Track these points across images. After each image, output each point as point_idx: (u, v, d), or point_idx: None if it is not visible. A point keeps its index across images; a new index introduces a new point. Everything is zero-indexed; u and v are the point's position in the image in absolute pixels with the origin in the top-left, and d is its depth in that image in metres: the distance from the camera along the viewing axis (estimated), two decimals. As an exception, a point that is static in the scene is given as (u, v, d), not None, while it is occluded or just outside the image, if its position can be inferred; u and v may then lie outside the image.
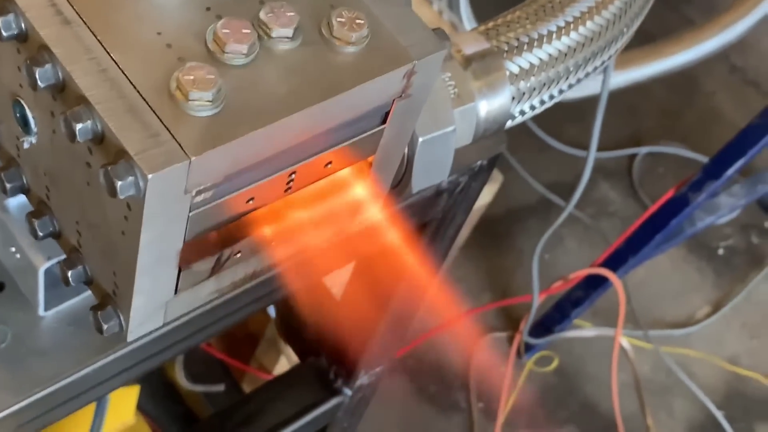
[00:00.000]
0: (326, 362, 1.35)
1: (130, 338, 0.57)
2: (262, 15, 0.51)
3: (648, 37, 2.34)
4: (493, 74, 0.82)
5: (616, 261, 2.09)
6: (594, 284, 2.14)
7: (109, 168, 0.46)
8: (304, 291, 1.24)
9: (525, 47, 0.83)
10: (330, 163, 0.56)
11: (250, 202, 0.54)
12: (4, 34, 0.48)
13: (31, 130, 0.54)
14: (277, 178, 0.53)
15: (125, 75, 0.48)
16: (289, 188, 0.55)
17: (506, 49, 0.82)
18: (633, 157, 2.72)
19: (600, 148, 2.76)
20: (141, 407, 1.37)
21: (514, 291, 2.37)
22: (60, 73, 0.48)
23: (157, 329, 0.59)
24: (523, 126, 2.50)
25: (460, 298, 2.34)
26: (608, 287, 2.06)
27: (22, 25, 0.49)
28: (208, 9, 0.51)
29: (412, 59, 0.53)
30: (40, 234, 0.57)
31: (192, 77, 0.47)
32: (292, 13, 0.51)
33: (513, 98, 0.83)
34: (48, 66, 0.48)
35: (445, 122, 0.77)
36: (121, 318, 0.56)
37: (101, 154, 0.48)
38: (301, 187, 0.56)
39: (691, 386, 2.22)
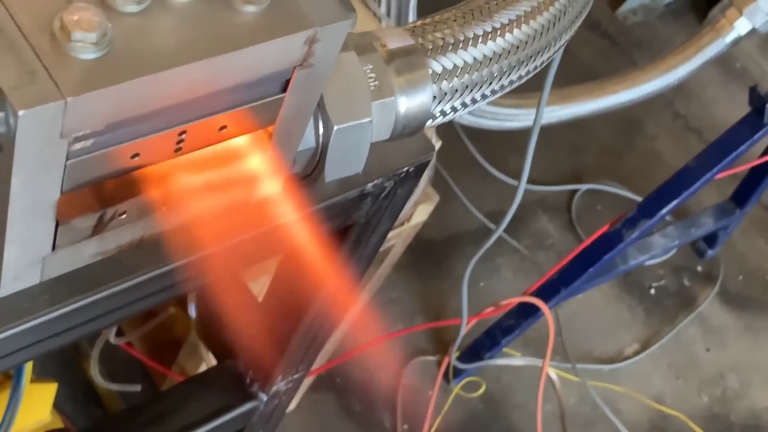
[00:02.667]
0: (243, 366, 1.33)
1: (2, 294, 0.54)
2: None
3: (595, 77, 2.37)
4: (415, 72, 0.80)
5: (549, 291, 2.09)
6: (525, 313, 2.14)
7: (-21, 101, 0.44)
8: (223, 290, 1.22)
9: (450, 48, 0.82)
10: (225, 127, 0.54)
11: (136, 158, 0.52)
12: None
13: None
14: (166, 135, 0.51)
15: (7, 11, 0.46)
16: (180, 149, 0.53)
17: (431, 47, 0.81)
18: (573, 192, 2.74)
19: (542, 182, 2.79)
20: (58, 406, 1.33)
21: (447, 315, 2.37)
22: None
23: (54, 309, 0.56)
24: (468, 156, 2.51)
25: (393, 318, 2.33)
26: (539, 317, 2.06)
27: None
28: (103, -45, 0.50)
29: (314, 25, 0.51)
30: None
31: (76, 17, 0.46)
32: (190, -39, 0.49)
33: (434, 97, 0.82)
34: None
35: (362, 113, 0.76)
36: (-7, 269, 0.53)
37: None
38: (193, 149, 0.54)
39: (615, 421, 2.23)
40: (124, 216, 0.55)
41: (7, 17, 0.46)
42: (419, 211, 1.88)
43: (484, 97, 0.85)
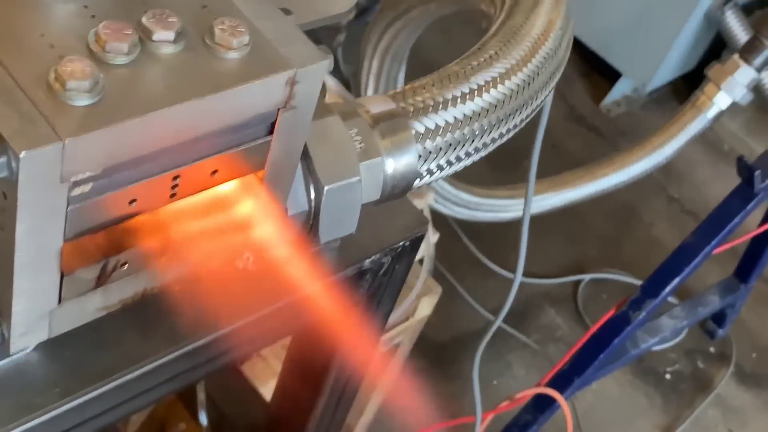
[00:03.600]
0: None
1: (13, 349, 0.56)
2: (143, 20, 0.53)
3: (582, 165, 2.42)
4: (399, 134, 0.84)
5: (562, 382, 2.08)
6: (541, 407, 2.12)
7: (-18, 148, 0.47)
8: (233, 395, 1.23)
9: (430, 109, 0.86)
10: (216, 171, 0.57)
11: (133, 204, 0.54)
12: None
13: None
14: (161, 179, 0.54)
15: (5, 68, 0.49)
16: (175, 194, 0.56)
17: (412, 110, 0.85)
18: (578, 283, 2.76)
19: (545, 275, 2.80)
20: None
21: (462, 416, 2.35)
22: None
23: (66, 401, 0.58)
24: (468, 253, 2.54)
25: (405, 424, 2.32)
26: (556, 410, 2.05)
27: None
28: (93, 17, 0.53)
29: (293, 67, 0.55)
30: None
31: (69, 69, 0.49)
32: (173, 19, 0.53)
33: (420, 156, 0.85)
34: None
35: (351, 173, 0.79)
36: (3, 327, 0.55)
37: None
38: (188, 195, 0.57)
39: None
40: (125, 267, 0.57)
41: (4, 73, 0.49)
42: (423, 304, 1.89)
43: (468, 155, 0.88)
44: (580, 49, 3.27)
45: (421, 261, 1.92)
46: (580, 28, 3.15)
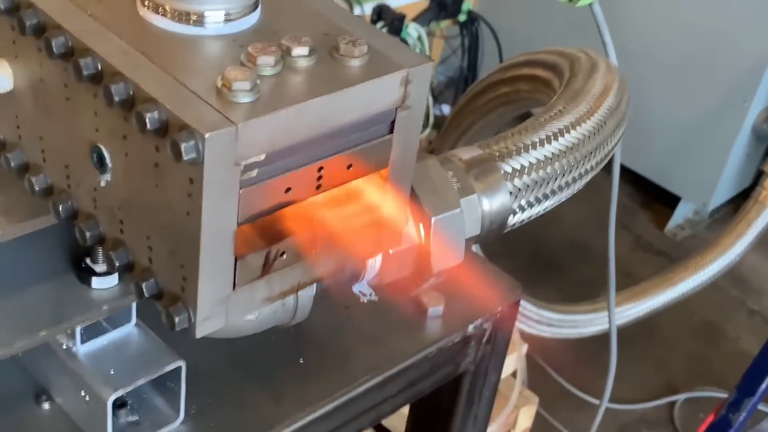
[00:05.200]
0: None
1: (198, 334, 0.66)
2: (283, 41, 0.66)
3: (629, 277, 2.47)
4: (490, 175, 0.95)
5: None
6: None
7: (175, 136, 0.59)
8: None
9: (514, 153, 0.97)
10: (351, 165, 0.68)
11: (289, 192, 0.66)
12: (85, 73, 0.63)
13: (106, 168, 0.67)
14: (308, 169, 0.66)
15: (181, 83, 0.62)
16: (320, 185, 0.67)
17: (498, 154, 0.97)
18: (672, 405, 2.77)
19: (638, 400, 2.82)
20: None
21: None
22: (131, 89, 0.62)
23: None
24: (560, 387, 2.57)
25: None
26: None
27: (98, 66, 0.64)
28: (241, 46, 0.66)
29: (405, 67, 0.67)
30: (117, 264, 0.69)
31: (233, 74, 0.62)
32: (306, 39, 0.66)
33: (511, 193, 0.96)
34: (121, 84, 0.62)
35: (453, 205, 0.90)
36: (190, 311, 0.66)
37: (166, 148, 0.61)
38: (331, 186, 0.68)
39: None
40: (284, 256, 0.68)
41: (182, 87, 0.62)
42: (522, 416, 1.94)
43: (553, 192, 0.99)
44: (636, 180, 3.39)
45: (514, 374, 1.98)
46: (634, 159, 3.30)
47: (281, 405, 1.02)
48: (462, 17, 2.77)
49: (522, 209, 0.98)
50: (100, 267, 0.90)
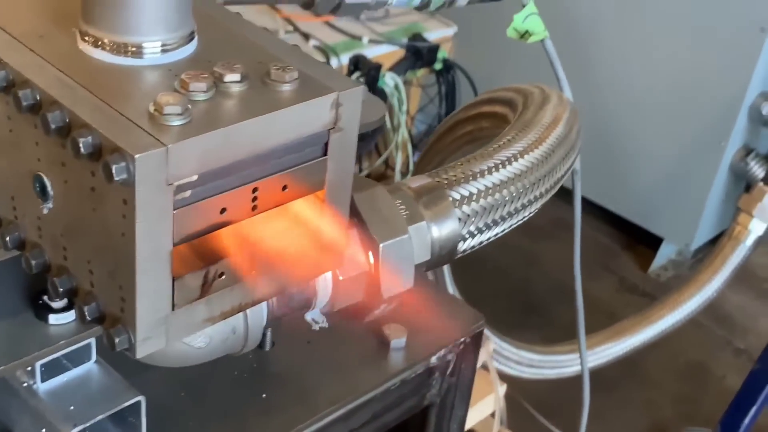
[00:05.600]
0: None
1: (138, 354, 0.68)
2: (215, 68, 0.69)
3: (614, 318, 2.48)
4: (439, 202, 0.98)
5: None
6: None
7: (107, 158, 0.61)
8: None
9: (462, 180, 1.00)
10: (286, 187, 0.70)
11: (224, 213, 0.68)
12: (24, 104, 0.66)
13: (48, 196, 0.69)
14: (243, 190, 0.68)
15: (114, 109, 0.65)
16: (255, 206, 0.69)
17: (446, 182, 0.99)
18: (663, 445, 2.77)
19: (629, 443, 2.80)
20: None
21: None
22: (66, 117, 0.65)
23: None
24: (543, 428, 2.57)
25: None
26: None
27: (37, 96, 0.66)
28: (176, 75, 0.69)
29: (336, 90, 0.70)
30: (61, 290, 0.71)
31: (164, 99, 0.64)
32: (238, 66, 0.69)
33: (460, 220, 0.98)
34: (57, 112, 0.65)
35: (400, 231, 0.93)
36: (129, 332, 0.67)
37: (99, 171, 0.63)
38: (266, 208, 0.70)
39: None
40: (223, 277, 0.70)
41: (115, 113, 0.65)
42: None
43: (502, 218, 1.02)
44: (617, 222, 3.42)
45: (493, 414, 1.99)
46: (615, 201, 3.33)
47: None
48: (438, 65, 2.82)
49: (472, 235, 1.00)
50: (57, 304, 0.91)
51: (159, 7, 0.69)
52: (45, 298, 0.92)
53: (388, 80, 2.69)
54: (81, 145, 0.63)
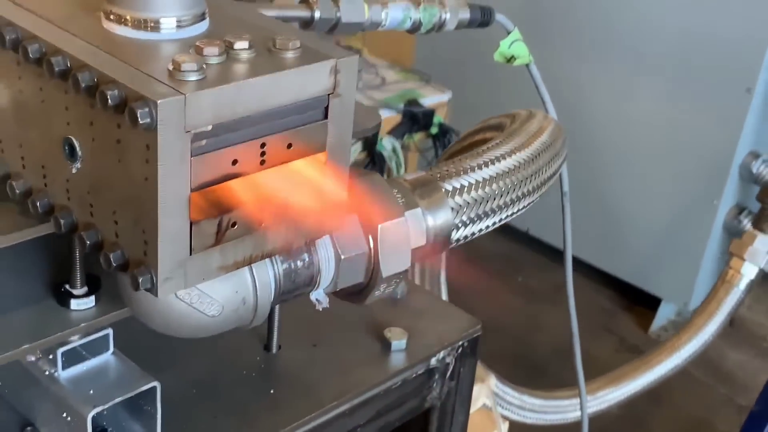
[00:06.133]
0: None
1: (160, 294, 0.74)
2: (226, 37, 0.77)
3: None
4: (433, 194, 1.06)
5: None
6: None
7: (132, 104, 0.69)
8: None
9: (455, 174, 1.08)
10: (291, 145, 0.78)
11: (236, 165, 0.75)
12: (56, 69, 0.74)
13: (77, 156, 0.77)
14: (252, 144, 0.76)
15: (138, 69, 0.73)
16: (264, 161, 0.77)
17: (439, 176, 1.07)
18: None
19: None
20: None
21: None
22: (95, 76, 0.73)
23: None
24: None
25: None
26: None
27: (68, 63, 0.75)
28: (190, 46, 0.78)
29: (334, 58, 0.78)
30: (88, 242, 0.78)
31: (182, 58, 0.73)
32: (247, 35, 0.77)
33: (453, 209, 1.06)
34: (86, 73, 0.73)
35: (397, 214, 1.00)
36: (152, 273, 0.74)
37: (125, 119, 0.71)
38: (274, 163, 0.78)
39: None
40: (236, 227, 0.77)
41: (140, 73, 0.73)
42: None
43: (493, 211, 1.09)
44: (616, 284, 3.48)
45: (498, 452, 2.03)
46: (613, 264, 3.40)
47: (253, 430, 1.09)
48: (434, 130, 2.92)
49: (465, 224, 1.08)
50: (78, 291, 0.99)
51: (175, -14, 0.78)
52: (67, 285, 0.99)
53: (386, 144, 2.79)
54: (109, 97, 0.71)
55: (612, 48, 3.29)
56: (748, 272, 2.35)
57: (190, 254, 0.76)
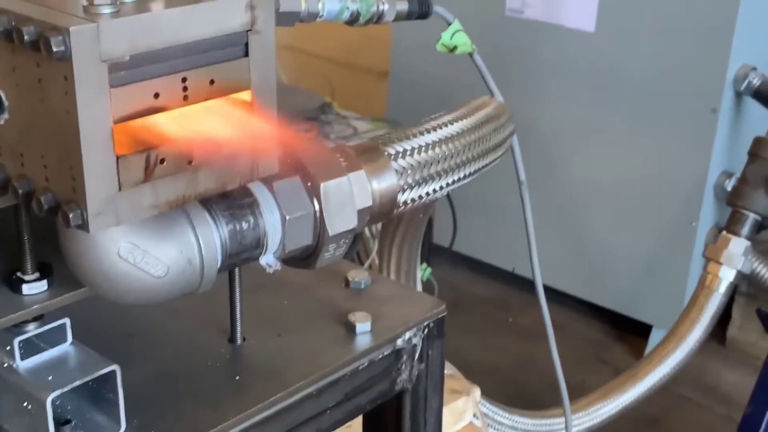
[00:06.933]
0: None
1: (92, 229, 0.75)
2: (143, -20, 0.79)
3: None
4: (377, 159, 1.07)
5: None
6: None
7: (46, 34, 0.71)
8: None
9: (397, 140, 1.10)
10: (213, 81, 0.80)
11: (158, 98, 0.77)
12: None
13: (3, 107, 0.79)
14: (173, 78, 0.77)
15: (53, 9, 0.75)
16: (187, 96, 0.78)
17: (381, 141, 1.09)
18: None
19: None
20: None
21: None
22: (12, 20, 0.75)
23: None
24: None
25: None
26: None
27: (-11, 14, 0.77)
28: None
29: (246, -6, 0.81)
30: (21, 191, 0.79)
31: (96, -6, 0.75)
32: (162, -22, 0.80)
33: (397, 171, 1.07)
34: (4, 17, 0.75)
35: (338, 175, 1.01)
36: (82, 209, 0.75)
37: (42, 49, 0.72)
38: (198, 100, 0.79)
39: None
40: (164, 164, 0.78)
41: (53, 11, 0.75)
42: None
43: (438, 174, 1.11)
44: (605, 314, 3.47)
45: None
46: (600, 295, 3.40)
47: (219, 413, 1.08)
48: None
49: (410, 187, 1.09)
50: (29, 276, 0.99)
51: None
52: (18, 273, 1.00)
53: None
54: (25, 33, 0.73)
55: (575, 80, 3.34)
56: (727, 275, 2.35)
57: (120, 189, 0.77)
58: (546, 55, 3.37)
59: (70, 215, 0.75)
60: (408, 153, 1.09)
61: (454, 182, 1.14)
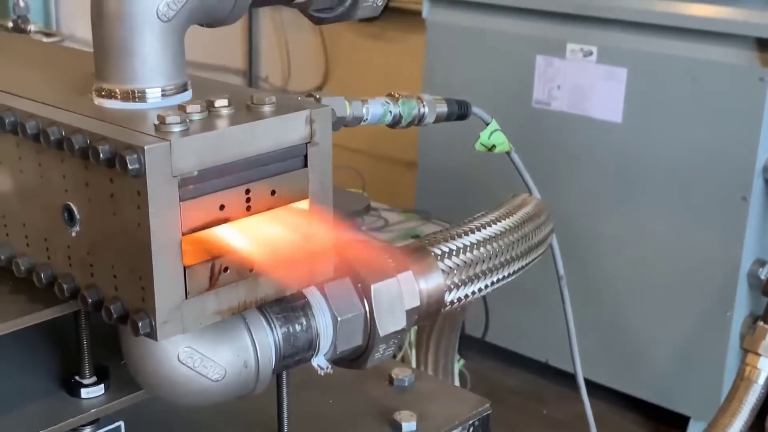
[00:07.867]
0: None
1: (160, 337, 0.78)
2: (207, 97, 0.84)
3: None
4: (424, 258, 1.10)
5: None
6: None
7: (122, 152, 0.75)
8: None
9: (443, 240, 1.13)
10: (274, 192, 0.83)
11: (223, 210, 0.80)
12: (52, 138, 0.81)
13: (75, 219, 0.83)
14: (237, 190, 0.81)
15: (126, 128, 0.80)
16: (249, 206, 0.82)
17: (428, 242, 1.12)
18: None
19: None
20: None
21: None
22: (87, 138, 0.79)
23: None
24: None
25: None
26: None
27: (62, 132, 0.81)
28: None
29: (308, 108, 0.84)
30: (90, 300, 0.82)
31: (167, 113, 0.79)
32: (226, 95, 0.84)
33: (443, 271, 1.10)
34: (80, 136, 0.79)
35: (388, 276, 1.04)
36: (150, 318, 0.78)
37: (117, 166, 0.76)
38: (260, 210, 0.83)
39: None
40: (228, 272, 0.81)
41: (126, 129, 0.79)
42: None
43: (484, 273, 1.13)
44: (641, 405, 3.44)
45: None
46: (636, 386, 3.38)
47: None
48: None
49: (456, 286, 1.11)
50: (87, 380, 1.02)
51: (157, 59, 0.85)
52: (76, 377, 1.03)
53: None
54: (100, 151, 0.77)
55: (604, 171, 3.37)
56: (766, 367, 2.34)
57: (186, 298, 0.80)
58: (574, 146, 3.41)
59: (140, 324, 0.78)
60: (454, 253, 1.12)
61: (498, 281, 1.17)
